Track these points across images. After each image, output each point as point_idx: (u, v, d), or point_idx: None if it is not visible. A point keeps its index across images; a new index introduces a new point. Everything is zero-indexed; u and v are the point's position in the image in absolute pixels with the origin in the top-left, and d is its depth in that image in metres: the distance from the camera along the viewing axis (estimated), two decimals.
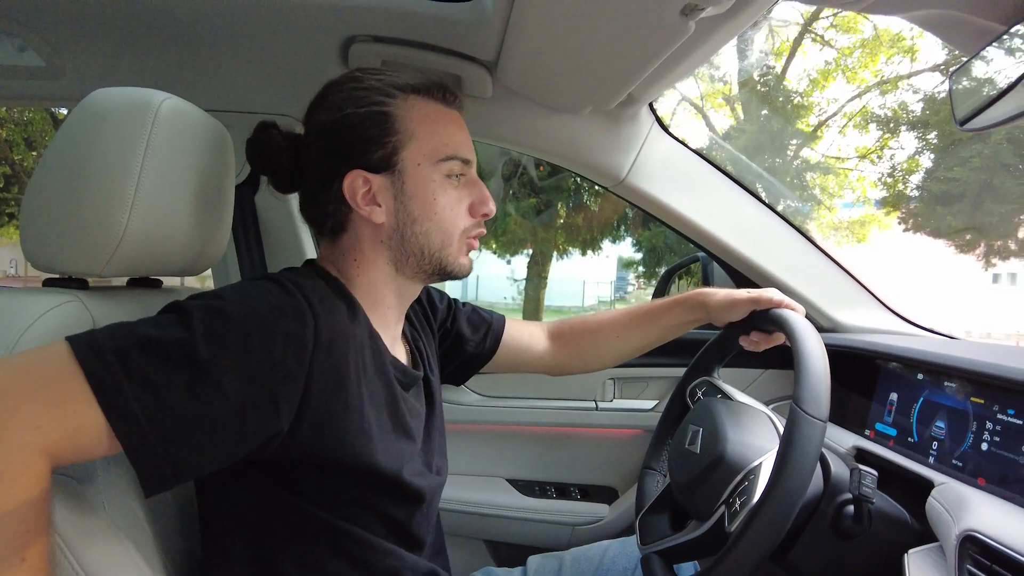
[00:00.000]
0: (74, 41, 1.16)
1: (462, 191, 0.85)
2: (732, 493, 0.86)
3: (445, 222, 0.82)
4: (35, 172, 0.77)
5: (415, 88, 0.82)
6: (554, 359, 1.18)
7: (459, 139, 0.84)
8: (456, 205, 0.83)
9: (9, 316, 0.67)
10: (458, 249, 0.85)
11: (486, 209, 0.86)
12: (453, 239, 0.84)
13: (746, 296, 1.00)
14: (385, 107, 0.79)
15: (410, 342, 0.96)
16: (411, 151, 0.80)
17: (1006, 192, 7.51)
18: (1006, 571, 0.69)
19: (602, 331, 1.17)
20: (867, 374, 1.22)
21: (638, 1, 0.80)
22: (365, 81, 0.81)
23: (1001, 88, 0.63)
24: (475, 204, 0.85)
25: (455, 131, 0.84)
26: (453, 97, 0.85)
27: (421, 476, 0.85)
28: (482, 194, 0.86)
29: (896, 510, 0.92)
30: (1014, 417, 0.88)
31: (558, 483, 1.56)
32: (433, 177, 0.81)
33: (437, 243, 0.82)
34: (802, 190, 10.18)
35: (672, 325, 1.12)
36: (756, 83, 10.29)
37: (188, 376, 0.61)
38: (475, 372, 1.13)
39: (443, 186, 0.82)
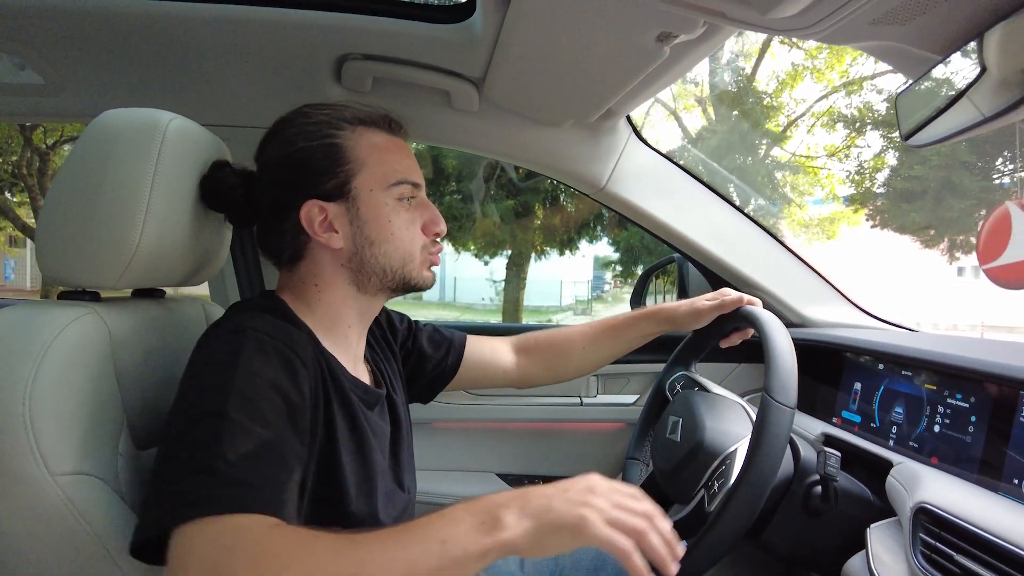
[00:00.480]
0: (73, 59, 1.20)
1: (414, 212, 0.89)
2: (711, 477, 0.94)
3: (403, 242, 0.87)
4: (50, 190, 0.81)
5: (361, 120, 0.87)
6: (521, 372, 1.21)
7: (407, 164, 0.89)
8: (410, 226, 0.88)
9: (34, 329, 0.71)
10: (420, 264, 0.90)
11: (437, 228, 0.91)
12: (415, 256, 0.89)
13: (709, 305, 1.09)
14: (335, 139, 0.85)
15: (371, 363, 1.00)
16: (363, 178, 0.85)
17: (965, 189, 7.81)
18: (953, 536, 0.78)
19: (571, 343, 1.21)
20: (833, 366, 1.31)
21: (617, 29, 0.87)
22: (314, 116, 0.86)
23: (940, 107, 0.71)
24: (427, 224, 0.90)
25: (402, 157, 0.89)
26: (398, 127, 0.91)
27: (388, 502, 0.88)
28: (432, 214, 0.91)
29: (859, 489, 1.01)
30: (961, 401, 0.97)
31: (546, 476, 1.63)
32: (386, 201, 0.86)
33: (398, 261, 0.87)
34: (773, 189, 10.41)
35: (637, 337, 1.19)
36: (727, 84, 10.49)
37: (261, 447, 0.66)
38: (440, 389, 1.17)
39: (396, 209, 0.87)
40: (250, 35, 1.15)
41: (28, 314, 0.74)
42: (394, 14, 1.12)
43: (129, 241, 0.77)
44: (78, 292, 0.83)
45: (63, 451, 0.68)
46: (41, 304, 0.78)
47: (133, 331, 0.82)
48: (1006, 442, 0.88)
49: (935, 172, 8.26)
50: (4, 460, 0.65)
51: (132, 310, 0.85)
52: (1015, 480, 0.84)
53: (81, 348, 0.73)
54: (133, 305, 0.87)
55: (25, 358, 0.68)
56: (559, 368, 1.23)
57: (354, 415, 0.85)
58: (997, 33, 0.62)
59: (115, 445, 0.75)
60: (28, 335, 0.70)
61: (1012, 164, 8.08)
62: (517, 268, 9.43)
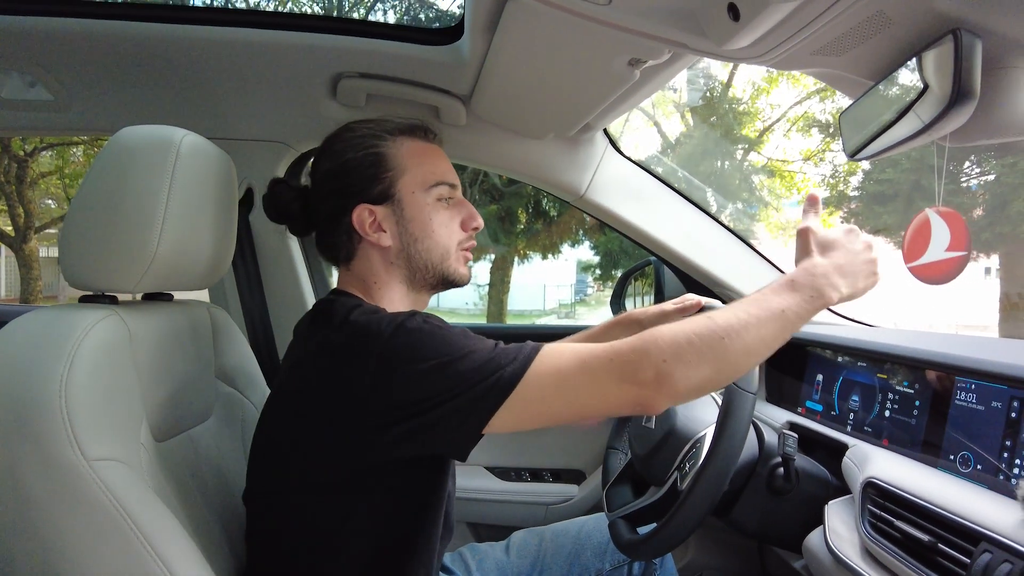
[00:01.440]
0: (81, 78, 1.27)
1: (452, 211, 0.97)
2: (683, 459, 1.03)
3: (442, 238, 0.95)
4: (73, 202, 0.88)
5: (401, 130, 0.96)
6: None
7: (443, 167, 0.98)
8: (449, 223, 0.96)
9: (65, 328, 0.78)
10: (456, 259, 0.98)
11: (475, 223, 0.99)
12: (451, 252, 0.97)
13: (673, 307, 1.15)
14: (379, 148, 0.94)
15: None
16: (405, 182, 0.94)
17: (933, 192, 7.97)
18: (896, 506, 0.88)
19: None
20: (798, 360, 1.41)
21: (592, 54, 0.97)
22: (358, 131, 0.96)
23: (888, 122, 0.81)
24: (465, 220, 0.98)
25: (439, 161, 0.98)
26: (433, 134, 1.00)
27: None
28: (470, 211, 0.99)
29: (819, 470, 1.10)
30: (908, 388, 1.07)
31: (532, 468, 1.71)
32: (427, 201, 0.94)
33: (438, 256, 0.95)
34: (750, 192, 10.60)
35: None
36: (705, 91, 10.67)
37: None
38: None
39: (436, 208, 0.95)
40: (251, 55, 1.22)
41: (57, 316, 0.80)
42: (387, 36, 1.20)
43: (148, 248, 0.84)
44: (98, 296, 0.89)
45: (95, 438, 0.74)
46: (66, 307, 0.84)
47: (149, 332, 0.89)
48: (944, 423, 0.97)
49: (905, 176, 8.51)
50: (45, 446, 0.71)
51: (146, 313, 0.91)
52: (951, 456, 0.95)
53: (106, 346, 0.79)
54: (146, 308, 0.93)
55: (60, 354, 0.74)
56: None
57: None
58: (930, 58, 0.72)
59: (137, 436, 0.81)
60: (60, 334, 0.77)
61: (979, 168, 8.36)
62: (501, 272, 9.50)
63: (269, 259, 1.55)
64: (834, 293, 0.83)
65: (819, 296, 0.82)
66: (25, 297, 9.76)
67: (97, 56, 1.22)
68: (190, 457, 0.94)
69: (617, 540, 1.07)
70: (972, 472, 0.90)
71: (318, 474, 0.83)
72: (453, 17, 1.11)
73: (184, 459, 0.93)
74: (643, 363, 0.74)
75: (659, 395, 0.74)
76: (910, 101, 0.75)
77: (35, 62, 1.22)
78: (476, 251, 1.07)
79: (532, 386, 0.76)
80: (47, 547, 0.72)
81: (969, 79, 0.66)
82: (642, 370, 0.74)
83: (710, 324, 0.76)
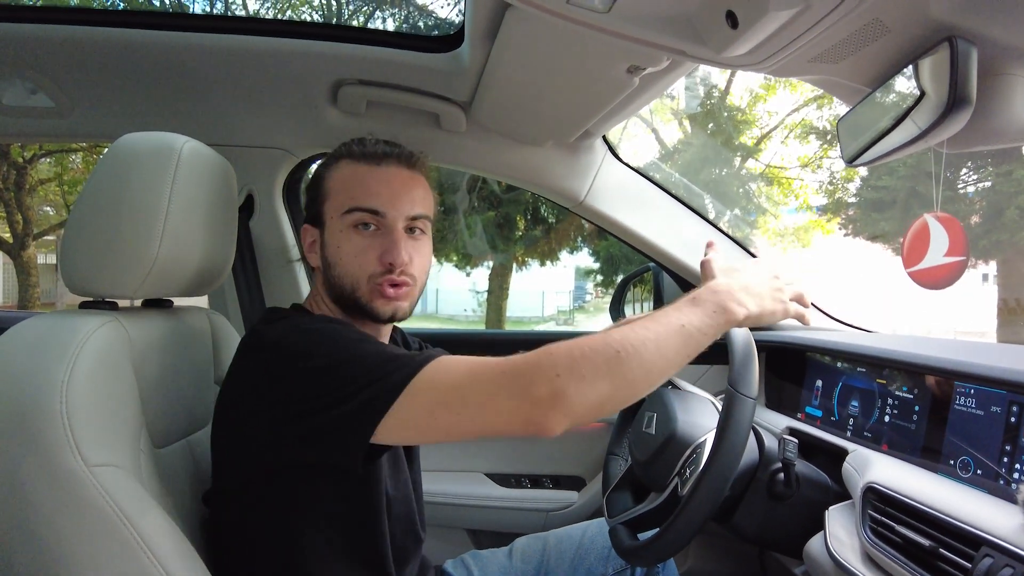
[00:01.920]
0: (82, 84, 1.27)
1: (372, 240, 0.91)
2: (683, 465, 1.03)
3: (350, 267, 0.91)
4: (73, 208, 0.88)
5: (348, 154, 0.95)
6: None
7: (371, 191, 0.91)
8: (361, 253, 0.91)
9: (66, 334, 0.78)
10: (369, 292, 0.91)
11: (388, 258, 0.90)
12: (360, 283, 0.91)
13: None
14: (323, 171, 0.96)
15: None
16: (328, 206, 0.93)
17: (931, 198, 8.05)
18: (896, 511, 0.88)
19: None
20: (798, 366, 1.41)
21: (591, 61, 0.97)
22: (335, 150, 0.97)
23: (884, 129, 0.82)
24: (381, 253, 0.91)
25: (369, 184, 0.92)
26: (382, 155, 0.93)
27: (408, 512, 0.97)
28: (387, 244, 0.91)
29: (819, 475, 1.10)
30: (907, 393, 1.08)
31: (532, 475, 1.71)
32: (340, 228, 0.91)
33: (349, 285, 0.92)
34: (748, 199, 10.62)
35: None
36: (703, 98, 10.71)
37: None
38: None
39: (348, 235, 0.91)
40: (252, 62, 1.23)
41: (58, 321, 0.80)
42: (388, 43, 1.21)
43: (148, 254, 0.84)
44: (97, 302, 0.89)
45: (95, 444, 0.74)
46: (67, 312, 0.85)
47: (149, 338, 0.89)
48: (943, 428, 0.98)
49: (902, 183, 8.53)
50: (45, 452, 0.71)
51: (146, 319, 0.92)
52: (951, 461, 0.95)
53: (107, 352, 0.80)
54: (146, 314, 0.94)
55: (61, 359, 0.75)
56: None
57: None
58: (927, 65, 0.73)
59: (136, 442, 0.82)
60: (61, 340, 0.77)
61: (975, 175, 8.38)
62: (499, 279, 9.51)
63: (269, 265, 1.56)
64: (739, 309, 0.83)
65: (722, 311, 0.81)
66: (23, 304, 9.74)
67: (98, 63, 1.22)
68: (189, 463, 0.95)
69: (618, 546, 1.07)
70: (972, 477, 0.91)
71: (238, 475, 0.85)
72: (453, 25, 1.11)
73: (183, 465, 0.93)
74: (536, 377, 0.71)
75: (553, 414, 0.71)
76: (907, 108, 0.76)
77: (37, 69, 1.23)
78: (476, 258, 1.07)
79: (419, 394, 0.73)
80: (47, 552, 0.72)
81: (965, 86, 0.67)
82: (535, 385, 0.70)
83: (606, 339, 0.74)
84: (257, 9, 8.63)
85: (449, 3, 7.69)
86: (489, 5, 0.93)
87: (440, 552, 1.64)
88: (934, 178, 0.83)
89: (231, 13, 7.39)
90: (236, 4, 8.67)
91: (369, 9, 8.06)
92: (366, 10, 8.08)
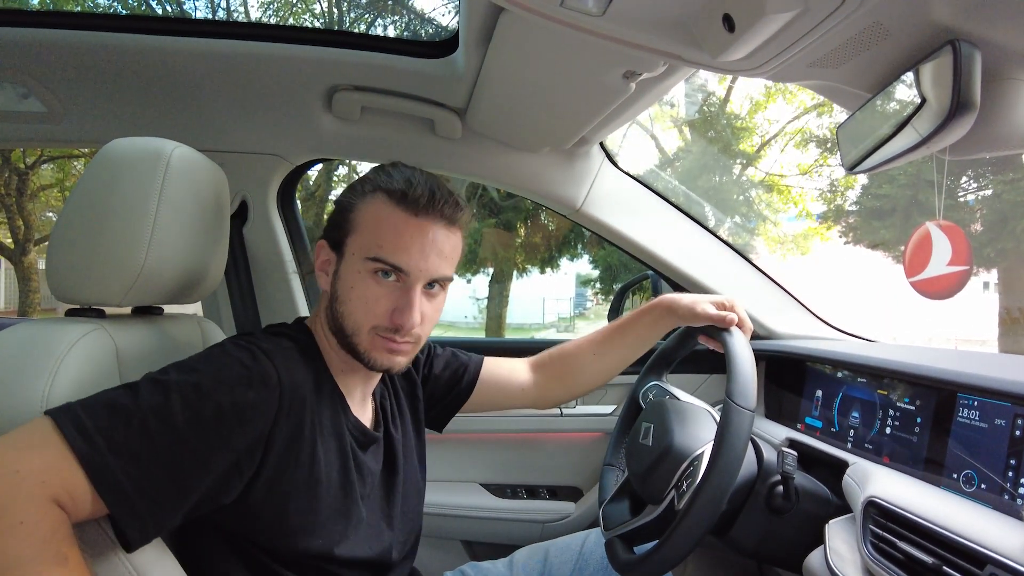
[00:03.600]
0: (74, 89, 1.26)
1: (390, 291, 0.86)
2: (680, 478, 1.01)
3: (356, 311, 0.86)
4: (61, 214, 0.86)
5: (383, 189, 0.87)
6: (538, 390, 1.23)
7: (401, 245, 0.84)
8: (373, 301, 0.86)
9: (46, 345, 0.76)
10: (368, 342, 0.87)
11: (399, 319, 0.85)
12: (362, 330, 0.86)
13: (708, 314, 1.09)
14: (354, 199, 0.89)
15: (376, 400, 1.02)
16: (352, 240, 0.87)
17: (931, 206, 8.08)
18: (898, 526, 0.86)
19: (580, 352, 1.23)
20: (797, 375, 1.40)
21: (587, 66, 0.96)
22: (370, 176, 0.91)
23: (885, 136, 0.80)
24: (393, 310, 0.86)
25: (403, 238, 0.85)
26: (422, 207, 0.85)
27: (368, 541, 0.92)
28: (401, 304, 0.86)
29: (819, 488, 1.08)
30: (908, 404, 1.06)
31: (528, 485, 1.69)
32: (358, 268, 0.86)
33: (350, 327, 0.87)
34: (748, 207, 10.63)
35: (644, 335, 1.20)
36: (702, 105, 10.74)
37: (171, 447, 0.70)
38: (454, 413, 1.19)
39: (365, 279, 0.86)
40: (245, 67, 1.22)
41: (40, 330, 0.79)
42: (382, 49, 1.20)
43: (135, 261, 0.82)
44: (84, 309, 0.88)
45: None
46: (51, 321, 0.83)
47: (136, 346, 0.87)
48: (946, 440, 0.96)
49: (902, 191, 8.54)
50: None
51: (134, 327, 0.90)
52: (954, 475, 0.92)
53: (91, 361, 0.78)
54: (135, 322, 0.92)
55: (41, 371, 0.73)
56: (572, 381, 1.24)
57: (343, 454, 0.89)
58: (928, 70, 0.71)
59: None
60: (43, 349, 0.75)
61: (976, 183, 8.38)
62: (499, 286, 9.50)
63: (263, 272, 1.54)
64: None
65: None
66: (23, 310, 9.74)
67: (90, 68, 1.21)
68: None
69: (614, 560, 1.05)
70: (976, 491, 0.88)
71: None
72: (448, 30, 1.10)
73: None
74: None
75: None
76: (908, 114, 0.74)
77: (28, 73, 1.21)
78: (475, 264, 1.05)
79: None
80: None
81: (968, 90, 0.65)
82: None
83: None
84: (259, 16, 8.68)
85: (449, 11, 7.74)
86: (483, 9, 0.92)
87: (435, 563, 1.62)
88: (936, 186, 0.81)
89: (233, 19, 7.42)
90: (238, 11, 8.73)
91: (370, 17, 8.10)
92: (367, 18, 8.12)
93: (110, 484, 0.67)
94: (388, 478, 1.00)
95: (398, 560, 0.99)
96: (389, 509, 0.98)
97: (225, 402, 0.74)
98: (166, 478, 0.70)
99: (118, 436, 0.68)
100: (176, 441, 0.70)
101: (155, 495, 0.69)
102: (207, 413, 0.72)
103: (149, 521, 0.69)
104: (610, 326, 1.24)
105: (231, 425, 0.74)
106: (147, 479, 0.69)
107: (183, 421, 0.71)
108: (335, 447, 0.88)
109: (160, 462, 0.69)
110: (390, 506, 0.99)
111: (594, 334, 1.25)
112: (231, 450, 0.74)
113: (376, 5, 8.16)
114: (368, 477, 0.94)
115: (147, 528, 0.70)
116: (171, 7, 8.44)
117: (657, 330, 1.20)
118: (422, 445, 1.10)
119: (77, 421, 0.67)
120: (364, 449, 0.94)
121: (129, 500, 0.68)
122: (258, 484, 0.78)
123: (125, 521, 0.68)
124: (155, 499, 0.69)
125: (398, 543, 0.99)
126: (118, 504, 0.67)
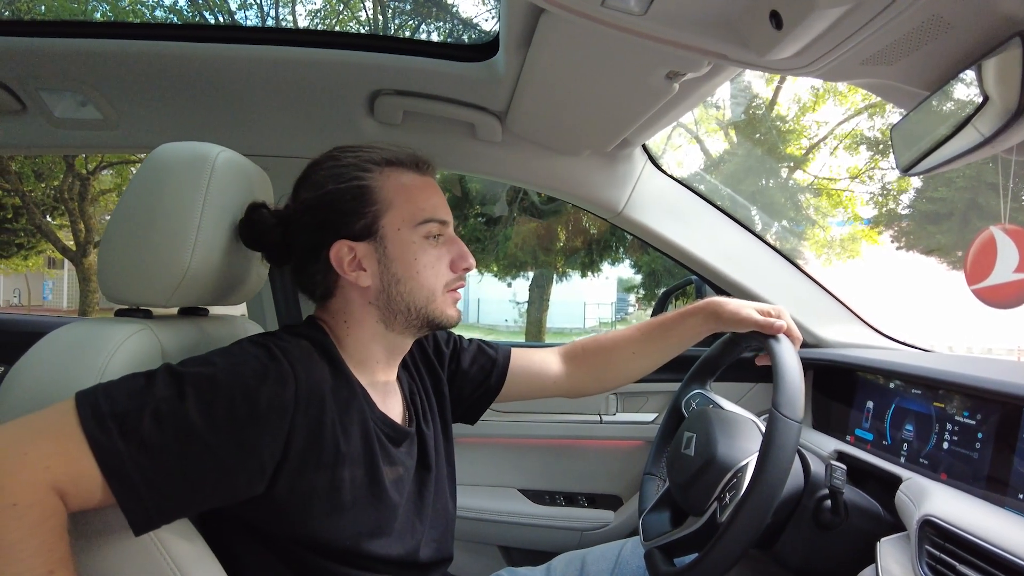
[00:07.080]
0: (129, 97, 1.31)
1: (441, 249, 0.91)
2: (723, 489, 0.98)
3: (428, 279, 0.89)
4: (111, 217, 0.90)
5: (389, 161, 0.90)
6: (570, 381, 1.21)
7: (434, 202, 0.91)
8: (436, 263, 0.90)
9: (97, 342, 0.79)
10: (443, 302, 0.92)
11: (466, 263, 0.92)
12: (437, 294, 0.90)
13: (753, 320, 1.06)
14: (363, 181, 0.87)
15: (406, 396, 1.01)
16: (390, 218, 0.87)
17: (992, 210, 7.71)
18: (957, 548, 0.81)
19: (618, 348, 1.20)
20: (847, 385, 1.34)
21: (629, 67, 0.94)
22: (342, 159, 0.89)
23: (943, 136, 0.76)
24: (455, 260, 0.92)
25: (429, 195, 0.91)
26: (425, 165, 0.93)
27: (400, 538, 0.90)
28: (460, 250, 0.93)
29: (870, 503, 1.04)
30: (968, 418, 1.00)
31: (566, 492, 1.67)
32: (413, 240, 0.88)
33: (422, 299, 0.89)
34: (796, 211, 10.35)
35: (686, 336, 1.16)
36: (749, 108, 10.52)
37: (181, 439, 0.70)
38: (486, 407, 1.18)
39: (423, 247, 0.89)
40: (291, 73, 1.24)
41: (91, 329, 0.81)
42: (423, 53, 1.21)
43: (181, 263, 0.84)
44: (132, 310, 0.90)
45: None
46: (101, 320, 0.86)
47: (181, 346, 0.89)
48: (1011, 458, 0.90)
49: (960, 194, 8.17)
50: None
51: (180, 327, 0.92)
52: (1020, 495, 0.87)
53: (137, 361, 0.80)
54: (180, 322, 0.94)
55: (91, 368, 0.76)
56: (607, 376, 1.22)
57: (372, 454, 0.87)
58: (992, 65, 0.67)
59: None
60: (92, 348, 0.78)
61: None
62: (540, 290, 9.49)
63: None
64: None
65: None
66: (83, 310, 10.20)
67: (143, 76, 1.26)
68: None
69: (653, 571, 1.03)
70: None
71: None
72: (489, 34, 1.10)
73: None
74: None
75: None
76: (969, 113, 0.70)
77: (86, 82, 1.26)
78: (516, 268, 1.05)
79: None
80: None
81: None
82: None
83: None
84: (307, 24, 8.90)
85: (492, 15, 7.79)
86: (523, 11, 0.91)
87: (472, 568, 1.61)
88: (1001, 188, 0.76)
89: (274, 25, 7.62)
90: (286, 20, 8.97)
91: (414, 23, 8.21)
92: (411, 24, 8.23)
93: (117, 469, 0.67)
94: (422, 474, 0.99)
95: (430, 561, 0.98)
96: (421, 505, 0.98)
97: (238, 397, 0.74)
98: (175, 469, 0.70)
99: (131, 422, 0.68)
100: (186, 432, 0.71)
101: (162, 484, 0.70)
102: (219, 405, 0.73)
103: (153, 510, 0.70)
104: (651, 323, 1.20)
105: (243, 421, 0.74)
106: (155, 468, 0.69)
107: (195, 413, 0.71)
108: (360, 444, 0.86)
109: (170, 452, 0.70)
110: (423, 502, 0.98)
111: (632, 330, 1.22)
112: (243, 445, 0.74)
113: (419, 11, 8.28)
114: (403, 473, 0.94)
115: (151, 516, 0.70)
116: (223, 17, 8.73)
117: (700, 332, 1.16)
118: (450, 443, 1.08)
119: (95, 405, 0.68)
120: (397, 445, 0.93)
121: (135, 487, 0.68)
122: (279, 482, 0.78)
123: (129, 507, 0.68)
124: (161, 488, 0.70)
125: (430, 540, 0.98)
126: (123, 490, 0.68)
